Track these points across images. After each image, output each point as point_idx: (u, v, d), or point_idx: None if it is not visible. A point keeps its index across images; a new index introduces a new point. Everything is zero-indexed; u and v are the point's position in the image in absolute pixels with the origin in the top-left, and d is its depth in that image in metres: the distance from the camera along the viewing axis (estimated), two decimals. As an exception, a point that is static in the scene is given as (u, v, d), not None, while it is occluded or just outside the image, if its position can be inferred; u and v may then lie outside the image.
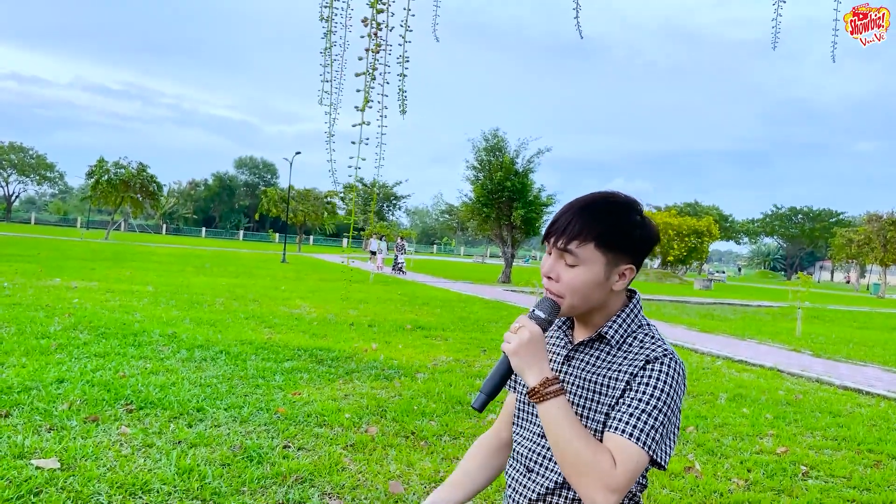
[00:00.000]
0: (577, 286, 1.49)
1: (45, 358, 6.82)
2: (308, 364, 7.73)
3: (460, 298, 19.45)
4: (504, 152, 32.20)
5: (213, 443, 4.75)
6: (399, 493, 4.17)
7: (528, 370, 1.45)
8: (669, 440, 1.45)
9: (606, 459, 1.36)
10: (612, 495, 1.34)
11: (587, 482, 1.35)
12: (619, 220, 1.50)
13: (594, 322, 1.57)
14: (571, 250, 1.48)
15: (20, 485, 3.75)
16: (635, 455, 1.37)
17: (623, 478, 1.35)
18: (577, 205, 1.52)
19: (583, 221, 1.48)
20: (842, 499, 4.69)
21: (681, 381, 1.47)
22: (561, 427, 1.40)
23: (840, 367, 11.01)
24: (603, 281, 1.50)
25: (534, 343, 1.45)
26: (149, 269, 21.41)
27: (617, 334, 1.54)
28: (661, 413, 1.41)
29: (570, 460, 1.38)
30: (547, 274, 1.53)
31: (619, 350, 1.53)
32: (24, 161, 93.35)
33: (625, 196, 1.55)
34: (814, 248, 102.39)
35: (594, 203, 1.51)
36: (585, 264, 1.48)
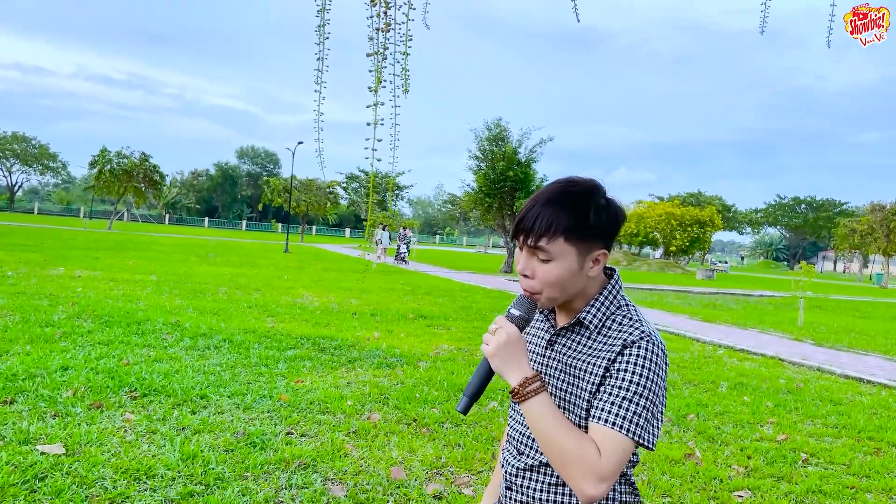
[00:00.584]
0: (552, 280, 1.51)
1: (50, 346, 6.86)
2: (311, 352, 7.77)
3: (462, 288, 19.48)
4: (507, 142, 32.14)
5: (217, 429, 4.79)
6: (401, 478, 4.20)
7: (507, 371, 1.47)
8: (655, 421, 1.47)
9: (591, 450, 1.38)
10: (600, 484, 1.37)
11: (574, 474, 1.38)
12: (584, 209, 1.50)
13: (574, 307, 1.59)
14: (542, 247, 1.49)
15: (25, 470, 3.79)
16: (620, 443, 1.40)
17: (609, 467, 1.38)
18: (540, 199, 1.52)
19: (549, 217, 1.48)
20: (841, 485, 4.71)
21: (660, 361, 1.48)
22: (545, 423, 1.43)
23: (841, 356, 11.02)
24: (577, 270, 1.52)
25: (512, 344, 1.47)
26: (152, 258, 21.46)
27: (595, 318, 1.55)
28: (643, 397, 1.43)
29: (556, 454, 1.41)
30: (522, 272, 1.55)
31: (599, 334, 1.54)
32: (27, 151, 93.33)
33: (586, 181, 1.55)
34: (817, 238, 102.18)
35: (557, 195, 1.51)
36: (558, 258, 1.49)
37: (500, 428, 5.42)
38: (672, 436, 5.63)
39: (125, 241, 32.58)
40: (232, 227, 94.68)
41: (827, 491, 4.58)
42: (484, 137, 32.45)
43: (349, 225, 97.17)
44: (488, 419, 5.66)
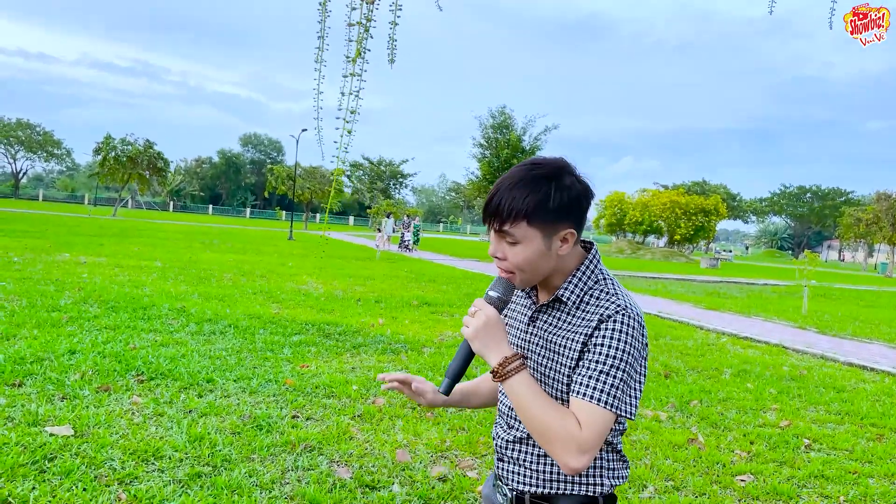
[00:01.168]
0: (522, 262, 1.53)
1: (57, 330, 6.91)
2: (315, 338, 7.80)
3: (466, 276, 19.50)
4: (511, 130, 32.11)
5: (223, 412, 4.83)
6: (406, 461, 4.24)
7: (487, 352, 1.51)
8: (633, 392, 1.50)
9: (573, 424, 1.43)
10: (582, 456, 1.41)
11: (557, 447, 1.43)
12: (546, 192, 1.50)
13: (553, 284, 1.62)
14: (507, 231, 1.51)
15: (35, 450, 3.83)
16: (599, 416, 1.44)
17: (591, 439, 1.42)
18: (504, 183, 1.53)
19: (512, 201, 1.50)
20: (844, 470, 4.74)
21: (636, 333, 1.50)
22: (526, 400, 1.47)
23: (845, 343, 11.03)
24: (545, 251, 1.53)
25: (490, 325, 1.52)
26: (156, 245, 21.52)
27: (573, 295, 1.58)
28: (620, 370, 1.46)
29: (539, 429, 1.46)
30: (493, 254, 1.58)
31: (577, 310, 1.57)
32: (32, 138, 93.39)
33: (550, 162, 1.56)
34: (822, 227, 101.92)
35: (521, 179, 1.52)
36: (524, 241, 1.52)
37: (504, 413, 5.45)
38: (675, 421, 5.66)
39: (130, 227, 32.66)
40: (236, 214, 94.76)
41: (829, 476, 4.61)
42: (488, 125, 32.46)
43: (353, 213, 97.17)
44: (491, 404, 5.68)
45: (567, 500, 1.59)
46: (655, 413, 5.78)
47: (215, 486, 3.62)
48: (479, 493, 3.83)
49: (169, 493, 3.47)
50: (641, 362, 1.53)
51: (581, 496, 1.59)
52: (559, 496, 1.60)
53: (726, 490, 4.25)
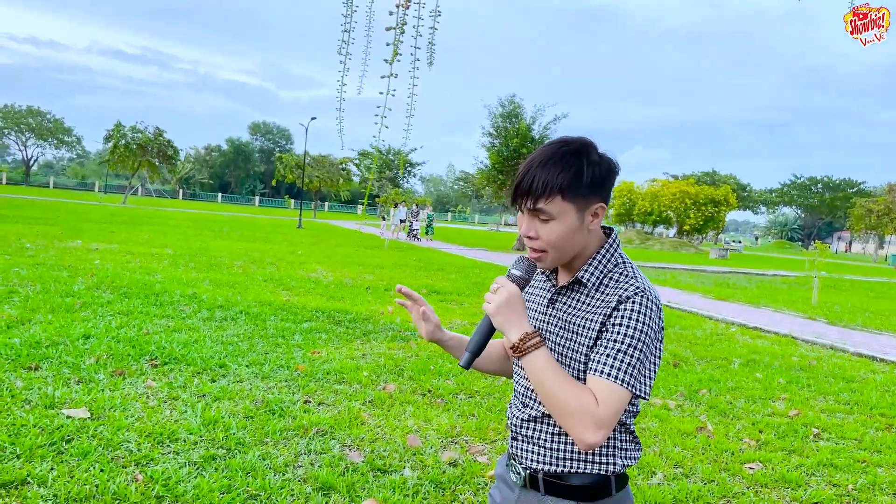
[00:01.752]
0: (556, 239, 1.56)
1: (71, 315, 6.99)
2: (326, 325, 7.86)
3: (475, 265, 19.53)
4: (520, 119, 31.97)
5: (236, 397, 4.89)
6: (417, 446, 4.28)
7: (508, 328, 1.54)
8: (648, 372, 1.53)
9: (590, 400, 1.45)
10: (598, 432, 1.44)
11: (574, 423, 1.45)
12: (577, 166, 1.54)
13: (574, 266, 1.65)
14: (541, 208, 1.54)
15: (52, 432, 3.89)
16: (616, 393, 1.47)
17: (607, 415, 1.45)
18: (535, 162, 1.57)
19: (544, 178, 1.53)
20: (852, 459, 4.76)
21: (654, 315, 1.54)
22: (544, 376, 1.50)
23: (855, 334, 11.01)
24: (578, 226, 1.57)
25: (512, 302, 1.54)
26: (167, 232, 21.63)
27: (593, 276, 1.62)
28: (637, 349, 1.50)
29: (556, 405, 1.48)
30: (526, 234, 1.60)
31: (597, 291, 1.60)
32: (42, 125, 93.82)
33: (577, 139, 1.60)
34: (832, 218, 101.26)
35: (551, 156, 1.56)
36: (558, 217, 1.55)
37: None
38: (684, 410, 5.68)
39: (140, 215, 32.83)
40: (245, 202, 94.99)
41: (838, 464, 4.63)
42: (498, 114, 32.31)
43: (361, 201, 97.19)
44: (501, 391, 5.73)
45: (579, 478, 1.62)
46: (664, 401, 5.81)
47: (230, 468, 3.67)
48: (490, 477, 3.87)
49: (184, 475, 3.53)
50: (657, 345, 1.56)
51: (593, 475, 1.62)
52: (572, 474, 1.63)
53: (735, 477, 4.28)
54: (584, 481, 1.62)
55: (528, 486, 1.69)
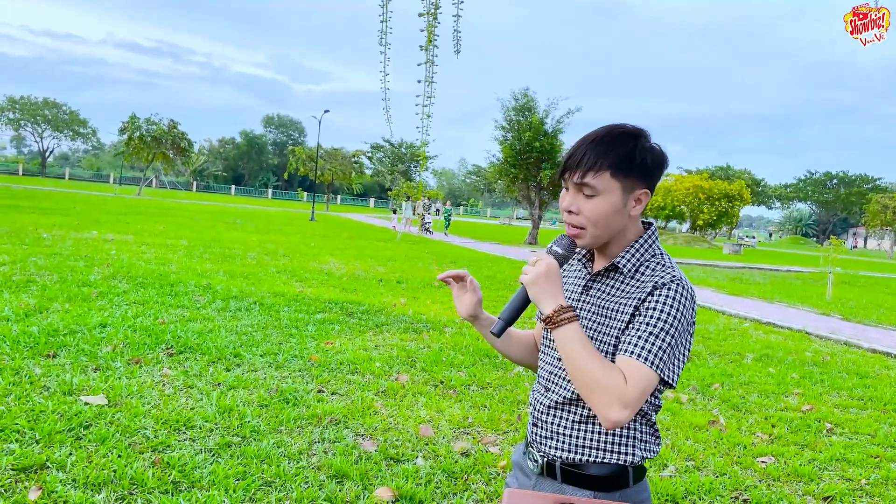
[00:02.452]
0: (597, 216, 1.57)
1: (88, 304, 7.07)
2: (339, 316, 7.90)
3: (487, 258, 19.53)
4: (533, 112, 31.85)
5: (251, 386, 4.94)
6: (429, 435, 4.31)
7: (543, 299, 1.53)
8: (677, 360, 1.53)
9: (618, 378, 1.45)
10: (624, 410, 1.43)
11: (600, 399, 1.44)
12: (630, 148, 1.56)
13: (611, 252, 1.65)
14: (588, 182, 1.55)
15: (71, 418, 3.95)
16: (645, 374, 1.46)
17: (634, 395, 1.44)
18: (588, 139, 1.59)
19: (596, 153, 1.55)
20: (865, 454, 4.74)
21: (688, 304, 1.54)
22: (575, 349, 1.49)
23: (869, 330, 10.94)
24: (621, 208, 1.58)
25: (550, 274, 1.54)
26: (181, 224, 21.78)
27: (630, 263, 1.62)
28: (668, 335, 1.49)
29: (584, 380, 1.47)
30: (567, 208, 1.60)
31: (632, 279, 1.61)
32: (58, 117, 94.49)
33: (632, 126, 1.62)
34: (848, 214, 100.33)
35: (605, 135, 1.58)
36: (603, 194, 1.55)
37: (524, 392, 5.50)
38: (696, 403, 5.68)
39: (154, 206, 33.05)
40: (258, 195, 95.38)
41: (851, 459, 4.62)
42: (510, 108, 32.19)
43: (373, 195, 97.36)
44: (513, 383, 5.75)
45: (597, 468, 1.62)
46: (677, 395, 5.81)
47: (245, 455, 3.72)
48: (502, 468, 3.89)
49: (200, 461, 3.57)
50: (688, 337, 1.56)
51: (611, 465, 1.61)
52: (590, 464, 1.62)
53: (747, 471, 4.28)
54: (601, 471, 1.61)
55: (545, 473, 1.69)
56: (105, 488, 3.19)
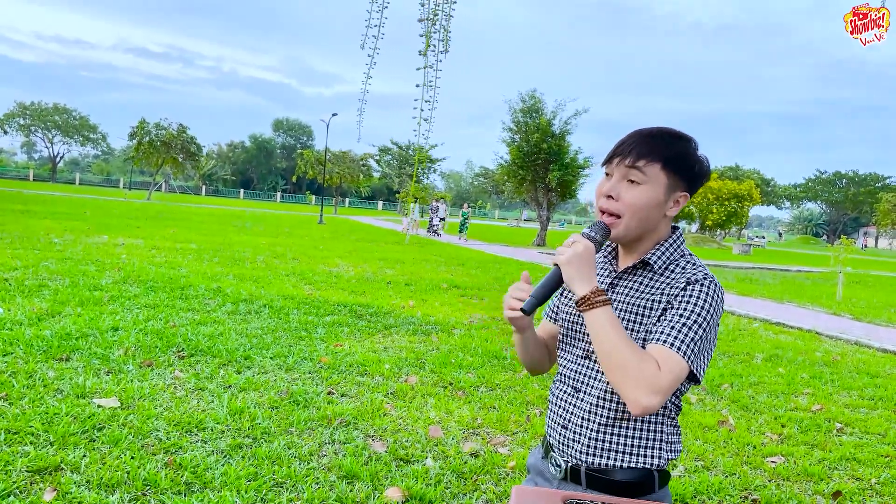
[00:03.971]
0: (638, 205, 1.57)
1: (99, 308, 7.13)
2: (348, 319, 7.94)
3: (495, 260, 19.54)
4: (541, 114, 31.85)
5: (262, 388, 4.97)
6: (439, 436, 4.33)
7: (578, 280, 1.51)
8: (705, 355, 1.53)
9: (651, 363, 1.44)
10: (655, 396, 1.41)
11: (632, 384, 1.43)
12: (683, 149, 1.60)
13: (640, 249, 1.66)
14: (640, 167, 1.56)
15: (84, 420, 4.00)
16: (677, 363, 1.45)
17: (666, 381, 1.43)
18: (642, 132, 1.61)
19: (651, 145, 1.57)
20: (876, 453, 4.73)
21: (719, 302, 1.55)
22: (608, 333, 1.47)
23: (880, 330, 10.88)
24: (662, 203, 1.59)
25: (586, 256, 1.53)
26: (191, 227, 21.89)
27: (661, 260, 1.62)
28: (700, 328, 1.50)
29: (617, 364, 1.45)
30: (608, 193, 1.60)
31: (662, 276, 1.61)
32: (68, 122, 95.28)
33: (684, 132, 1.65)
34: (858, 213, 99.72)
35: (659, 132, 1.61)
36: (649, 183, 1.57)
37: (533, 393, 5.52)
38: (706, 404, 5.68)
39: (164, 211, 33.23)
40: (267, 198, 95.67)
41: (861, 459, 4.61)
42: (518, 109, 32.21)
43: (381, 197, 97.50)
44: (522, 385, 5.76)
45: (623, 473, 1.59)
46: (686, 396, 5.81)
47: (256, 456, 3.75)
48: (511, 468, 3.91)
49: (212, 462, 3.61)
50: (715, 333, 1.56)
51: (638, 469, 1.59)
52: (617, 469, 1.60)
53: (756, 470, 4.28)
54: (628, 476, 1.59)
55: (568, 479, 1.65)
56: (119, 489, 3.23)
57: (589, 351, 1.66)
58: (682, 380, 1.48)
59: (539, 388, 5.65)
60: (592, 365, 1.65)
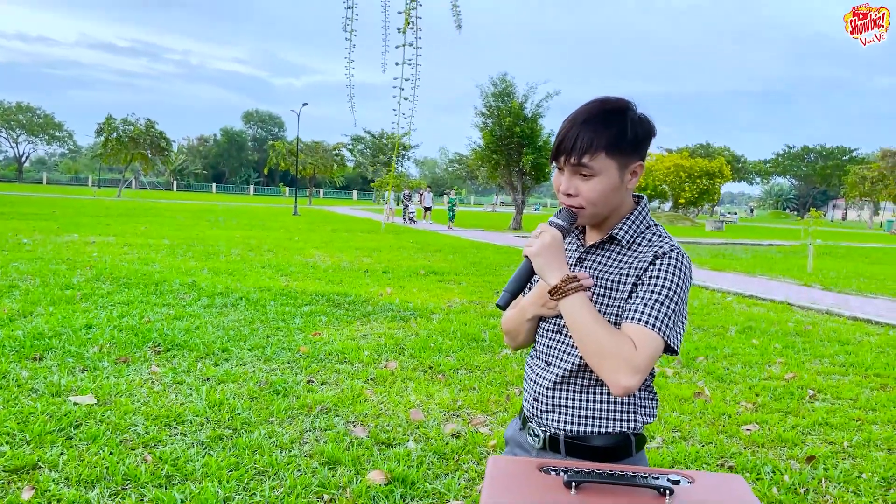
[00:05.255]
0: (596, 196, 1.58)
1: (72, 307, 7.04)
2: (326, 308, 7.92)
3: (472, 245, 19.58)
4: (512, 97, 31.85)
5: (240, 379, 4.96)
6: (420, 419, 4.36)
7: (549, 270, 1.54)
8: (679, 327, 1.57)
9: (628, 344, 1.47)
10: (634, 376, 1.45)
11: (611, 365, 1.46)
12: (621, 124, 1.57)
13: (606, 225, 1.67)
14: (585, 164, 1.55)
15: (60, 418, 3.96)
16: (652, 340, 1.48)
17: (644, 360, 1.46)
18: (578, 119, 1.58)
19: (589, 134, 1.55)
20: (848, 418, 4.84)
21: (688, 272, 1.58)
22: (583, 319, 1.50)
23: (850, 299, 11.11)
24: (619, 184, 1.59)
25: (554, 245, 1.55)
26: (163, 223, 21.63)
27: (628, 234, 1.64)
28: (672, 301, 1.53)
29: (594, 348, 1.48)
30: (565, 191, 1.60)
31: (630, 249, 1.63)
32: (33, 121, 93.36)
33: (618, 99, 1.62)
34: (827, 186, 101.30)
35: (595, 115, 1.58)
36: (601, 174, 1.57)
37: (513, 373, 5.56)
38: (682, 377, 5.76)
39: (135, 207, 32.77)
40: (240, 192, 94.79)
41: (833, 423, 4.72)
42: (490, 94, 32.16)
43: (356, 187, 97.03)
44: (502, 365, 5.80)
45: (601, 438, 1.62)
46: (662, 369, 5.89)
47: (237, 446, 3.74)
48: (492, 447, 3.95)
49: (193, 455, 3.60)
50: (686, 303, 1.58)
51: (615, 434, 1.62)
52: (594, 435, 1.63)
53: (732, 439, 4.36)
54: (606, 442, 1.62)
55: (547, 448, 1.68)
56: (98, 485, 3.21)
57: (560, 325, 1.67)
58: (660, 355, 1.51)
59: (518, 369, 5.69)
60: (563, 339, 1.66)
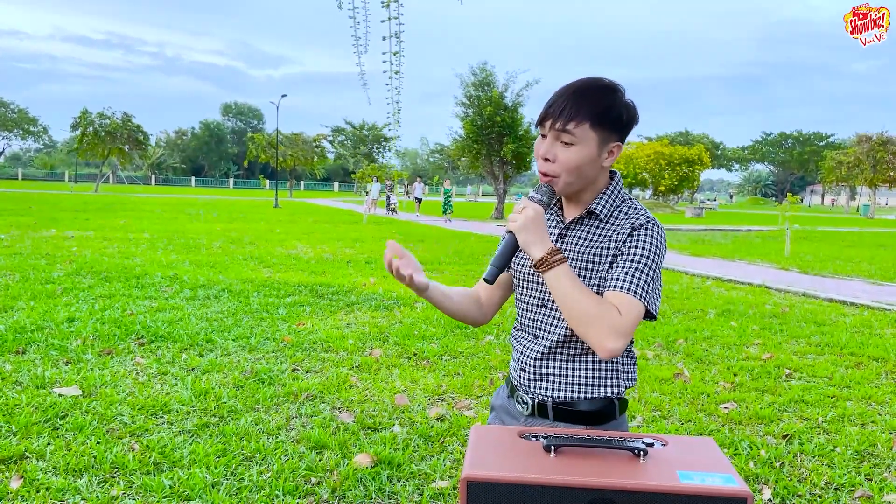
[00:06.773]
0: (573, 165, 1.65)
1: (53, 301, 7.00)
2: (309, 298, 7.94)
3: (455, 235, 19.63)
4: (493, 87, 31.89)
5: (225, 369, 4.98)
6: (405, 404, 4.41)
7: (532, 244, 1.60)
8: (656, 293, 1.65)
9: (611, 309, 1.55)
10: (619, 339, 1.53)
11: (597, 331, 1.54)
12: (610, 102, 1.65)
13: (584, 200, 1.74)
14: (570, 130, 1.62)
15: (46, 410, 3.97)
16: (635, 305, 1.57)
17: (627, 324, 1.55)
18: (570, 89, 1.66)
19: (578, 104, 1.62)
20: (823, 395, 4.96)
21: (663, 242, 1.67)
22: (568, 289, 1.57)
23: (826, 282, 11.31)
24: (595, 158, 1.66)
25: (537, 219, 1.61)
26: (143, 217, 21.45)
27: (605, 209, 1.72)
28: (651, 269, 1.62)
29: (580, 316, 1.56)
30: (544, 156, 1.67)
31: (607, 223, 1.71)
32: (6, 116, 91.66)
33: (610, 80, 1.71)
34: (804, 172, 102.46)
35: (587, 87, 1.66)
36: (581, 143, 1.63)
37: (496, 358, 5.63)
38: (662, 359, 5.87)
39: (114, 202, 32.43)
40: (219, 185, 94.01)
41: (809, 400, 4.84)
42: (470, 83, 32.17)
43: (337, 179, 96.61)
44: (486, 351, 5.87)
45: (587, 403, 1.70)
46: (642, 352, 5.99)
47: (224, 433, 3.78)
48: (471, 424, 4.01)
49: (180, 442, 3.62)
50: (660, 270, 1.67)
51: (600, 398, 1.70)
52: (581, 400, 1.71)
53: (711, 417, 4.46)
54: (592, 406, 1.70)
55: (536, 414, 1.75)
56: (86, 473, 3.23)
57: (544, 299, 1.74)
58: (641, 319, 1.59)
59: (501, 354, 5.76)
60: (549, 312, 1.74)
